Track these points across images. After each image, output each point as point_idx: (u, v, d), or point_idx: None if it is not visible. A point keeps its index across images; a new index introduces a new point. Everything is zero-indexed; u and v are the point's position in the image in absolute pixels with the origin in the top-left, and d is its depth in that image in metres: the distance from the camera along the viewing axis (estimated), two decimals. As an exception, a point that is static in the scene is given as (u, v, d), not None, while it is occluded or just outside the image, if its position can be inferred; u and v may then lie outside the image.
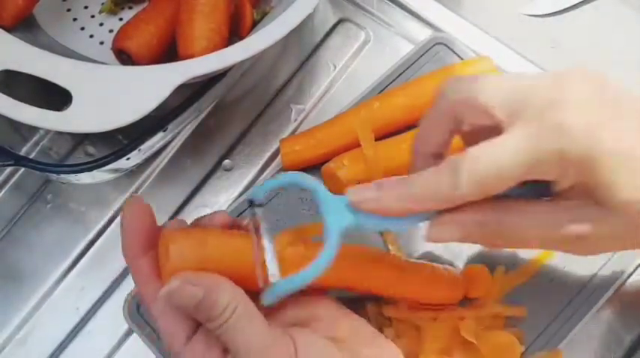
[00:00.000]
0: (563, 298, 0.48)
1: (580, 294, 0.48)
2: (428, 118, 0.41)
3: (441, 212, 0.38)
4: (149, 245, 0.40)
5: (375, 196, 0.38)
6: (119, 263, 0.52)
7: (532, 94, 0.36)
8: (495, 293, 0.48)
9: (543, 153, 0.35)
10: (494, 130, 0.37)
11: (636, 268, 0.49)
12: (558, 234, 0.37)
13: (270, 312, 0.39)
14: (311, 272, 0.38)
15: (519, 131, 0.36)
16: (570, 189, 0.37)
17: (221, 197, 0.54)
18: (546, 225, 0.38)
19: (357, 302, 0.46)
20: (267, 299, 0.39)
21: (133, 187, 0.55)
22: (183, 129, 0.55)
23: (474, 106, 0.38)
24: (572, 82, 0.36)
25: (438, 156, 0.41)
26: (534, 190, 0.38)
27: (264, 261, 0.39)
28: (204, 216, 0.42)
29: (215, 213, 0.42)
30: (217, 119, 0.56)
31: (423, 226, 0.39)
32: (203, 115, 0.56)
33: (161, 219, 0.53)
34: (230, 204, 0.53)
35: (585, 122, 0.35)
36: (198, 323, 0.38)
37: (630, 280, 0.49)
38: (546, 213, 0.38)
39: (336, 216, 0.38)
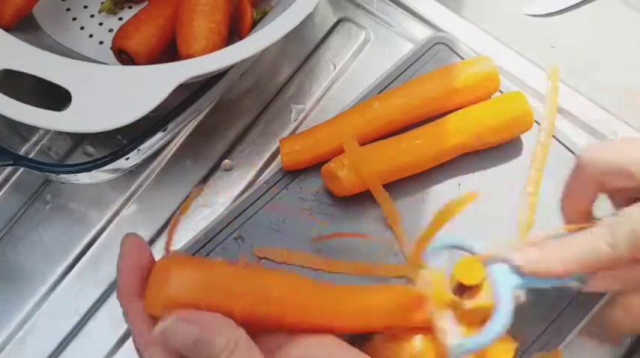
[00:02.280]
0: (563, 298, 0.48)
1: (580, 295, 0.48)
2: (571, 186, 0.45)
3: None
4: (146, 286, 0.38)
5: (537, 260, 0.41)
6: (119, 263, 0.52)
7: None
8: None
9: None
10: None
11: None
12: None
13: (270, 351, 0.38)
14: (490, 335, 0.41)
15: None
16: None
17: (221, 197, 0.54)
18: None
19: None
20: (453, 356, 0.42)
21: (133, 187, 0.55)
22: (183, 129, 0.55)
23: (619, 174, 0.41)
24: None
25: (587, 212, 0.45)
26: None
27: (447, 319, 0.42)
28: None
29: None
30: (217, 119, 0.56)
31: None
32: (203, 115, 0.56)
33: (160, 220, 0.54)
34: (230, 204, 0.53)
35: None
36: None
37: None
38: None
39: (505, 278, 0.42)
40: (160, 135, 0.50)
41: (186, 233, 0.52)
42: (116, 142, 0.52)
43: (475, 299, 0.43)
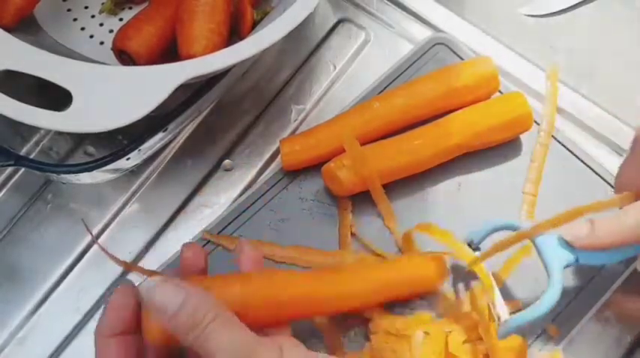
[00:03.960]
0: (562, 298, 0.48)
1: (580, 294, 0.48)
2: (632, 158, 0.44)
3: None
4: (127, 326, 0.39)
5: (588, 233, 0.41)
6: (119, 263, 0.52)
7: None
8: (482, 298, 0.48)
9: None
10: None
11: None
12: None
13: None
14: (544, 307, 0.42)
15: None
16: None
17: (221, 197, 0.54)
18: None
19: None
20: (501, 333, 0.44)
21: (133, 187, 0.55)
22: (183, 129, 0.55)
23: None
24: None
25: None
26: None
27: (493, 300, 0.44)
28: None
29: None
30: (217, 119, 0.57)
31: None
32: (203, 115, 0.56)
33: (161, 220, 0.54)
34: (230, 205, 0.53)
35: None
36: None
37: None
38: None
39: (555, 254, 0.43)
40: (160, 135, 0.50)
41: (186, 233, 0.52)
42: (117, 142, 0.52)
43: None
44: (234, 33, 0.54)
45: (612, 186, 0.48)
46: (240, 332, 0.36)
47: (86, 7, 0.58)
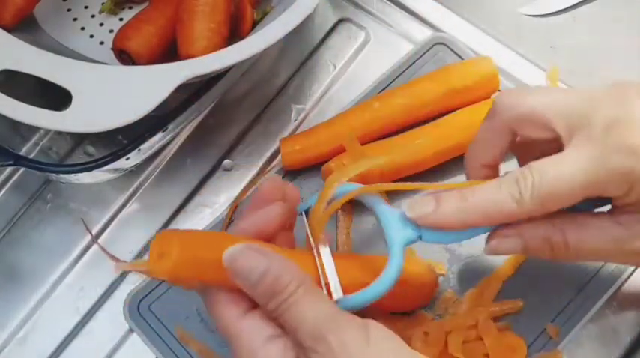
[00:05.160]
0: (562, 298, 0.48)
1: (580, 294, 0.48)
2: (483, 131, 0.41)
3: (502, 224, 0.39)
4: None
5: (432, 211, 0.38)
6: (119, 263, 0.52)
7: (593, 111, 0.36)
8: (484, 299, 0.48)
9: (610, 172, 0.36)
10: (550, 143, 0.37)
11: (636, 268, 0.49)
12: (622, 249, 0.38)
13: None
14: (378, 288, 0.38)
15: (584, 149, 0.36)
16: (633, 203, 0.37)
17: (221, 197, 0.54)
18: (609, 240, 0.38)
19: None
20: None
21: (133, 187, 0.55)
22: (183, 129, 0.55)
23: (533, 121, 0.38)
24: (632, 99, 0.37)
25: (492, 168, 0.42)
26: (592, 201, 0.39)
27: (326, 277, 0.38)
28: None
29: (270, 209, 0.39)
30: (217, 119, 0.56)
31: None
32: (203, 115, 0.56)
33: (161, 219, 0.54)
34: (229, 205, 0.53)
35: None
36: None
37: (630, 280, 0.49)
38: (609, 229, 0.38)
39: (398, 230, 0.39)
40: (160, 135, 0.50)
41: (186, 233, 0.52)
42: (117, 142, 0.52)
43: None
44: (234, 33, 0.54)
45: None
46: (325, 304, 0.35)
47: (86, 7, 0.58)
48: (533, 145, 0.39)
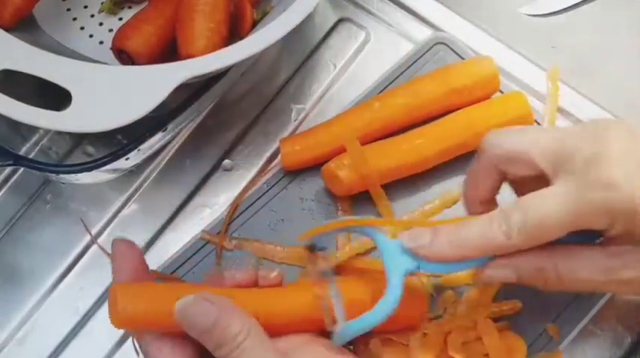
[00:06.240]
0: (563, 299, 0.48)
1: (580, 295, 0.48)
2: (473, 170, 0.43)
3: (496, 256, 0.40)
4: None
5: (429, 243, 0.39)
6: (119, 263, 0.52)
7: (574, 148, 0.38)
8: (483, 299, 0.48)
9: (591, 206, 0.37)
10: (540, 178, 0.39)
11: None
12: (612, 279, 0.39)
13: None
14: (378, 315, 0.39)
15: (566, 184, 0.38)
16: (620, 236, 0.38)
17: (221, 197, 0.54)
18: (600, 270, 0.39)
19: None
20: (337, 341, 0.40)
21: (133, 187, 0.55)
22: (183, 129, 0.55)
23: (519, 160, 0.40)
24: (610, 135, 0.38)
25: (488, 203, 0.44)
26: (586, 233, 0.39)
27: (331, 305, 0.40)
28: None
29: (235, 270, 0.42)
30: (217, 119, 0.56)
31: None
32: (203, 115, 0.56)
33: (160, 220, 0.54)
34: (230, 204, 0.53)
35: (629, 175, 0.37)
36: None
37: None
38: (599, 260, 0.39)
39: (396, 260, 0.40)
40: (160, 135, 0.50)
41: (186, 233, 0.52)
42: (116, 142, 0.52)
43: None
44: (234, 33, 0.54)
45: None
46: (269, 355, 0.36)
47: (85, 7, 0.58)
48: (525, 179, 0.41)
